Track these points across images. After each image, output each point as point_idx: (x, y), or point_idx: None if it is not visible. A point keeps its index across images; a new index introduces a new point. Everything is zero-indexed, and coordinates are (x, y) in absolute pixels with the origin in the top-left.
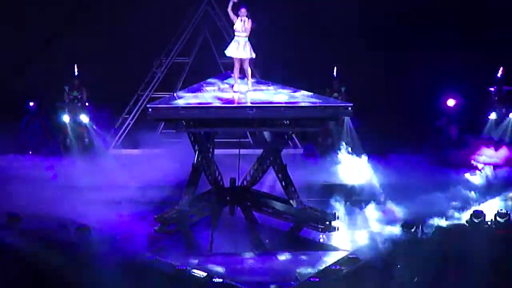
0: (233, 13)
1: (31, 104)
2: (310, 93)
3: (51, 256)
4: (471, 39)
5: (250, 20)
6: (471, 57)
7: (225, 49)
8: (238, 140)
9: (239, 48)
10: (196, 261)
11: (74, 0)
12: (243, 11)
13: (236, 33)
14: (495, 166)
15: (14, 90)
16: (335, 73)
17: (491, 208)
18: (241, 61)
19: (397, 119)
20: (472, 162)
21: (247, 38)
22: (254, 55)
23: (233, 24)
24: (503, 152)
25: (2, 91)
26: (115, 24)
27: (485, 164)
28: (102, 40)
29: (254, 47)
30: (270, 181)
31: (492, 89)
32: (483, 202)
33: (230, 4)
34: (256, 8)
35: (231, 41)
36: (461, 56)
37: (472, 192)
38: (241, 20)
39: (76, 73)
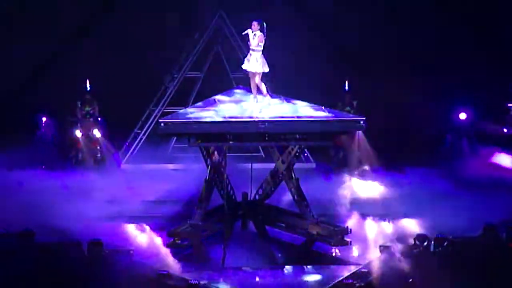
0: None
1: (44, 119)
2: (322, 107)
3: (64, 270)
4: (484, 53)
5: (262, 34)
6: (484, 69)
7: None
8: (250, 154)
9: (251, 62)
10: (208, 276)
11: (85, 15)
12: (255, 24)
13: (250, 47)
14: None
15: (26, 105)
16: (346, 87)
17: (503, 221)
18: (253, 75)
19: (409, 132)
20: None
21: (260, 52)
22: (266, 70)
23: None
24: None
25: (15, 106)
26: (127, 38)
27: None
28: (114, 55)
29: (267, 61)
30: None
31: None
32: (494, 215)
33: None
34: (268, 21)
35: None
36: (473, 68)
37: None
38: (253, 34)
39: (88, 88)
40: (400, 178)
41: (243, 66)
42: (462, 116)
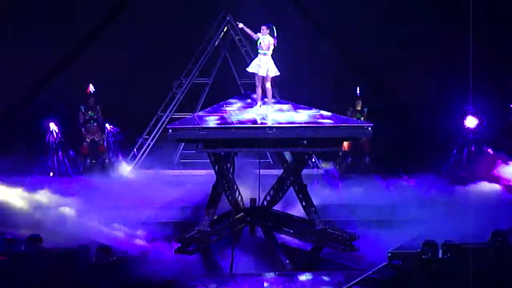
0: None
1: (51, 124)
2: (330, 113)
3: (71, 276)
4: (492, 57)
5: (271, 38)
6: (493, 74)
7: (247, 66)
8: (258, 160)
9: (260, 65)
10: (217, 282)
11: (92, 20)
12: (263, 28)
13: (258, 50)
14: None
15: (33, 111)
16: (358, 93)
17: (511, 227)
18: (262, 79)
19: (417, 138)
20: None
21: (269, 56)
22: (275, 74)
23: (256, 42)
24: None
25: (21, 112)
26: (135, 43)
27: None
28: (121, 60)
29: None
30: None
31: None
32: (505, 221)
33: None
34: (277, 26)
35: (254, 58)
36: (483, 73)
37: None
38: (262, 38)
39: (91, 92)
40: (408, 183)
41: (251, 70)
42: (470, 121)
